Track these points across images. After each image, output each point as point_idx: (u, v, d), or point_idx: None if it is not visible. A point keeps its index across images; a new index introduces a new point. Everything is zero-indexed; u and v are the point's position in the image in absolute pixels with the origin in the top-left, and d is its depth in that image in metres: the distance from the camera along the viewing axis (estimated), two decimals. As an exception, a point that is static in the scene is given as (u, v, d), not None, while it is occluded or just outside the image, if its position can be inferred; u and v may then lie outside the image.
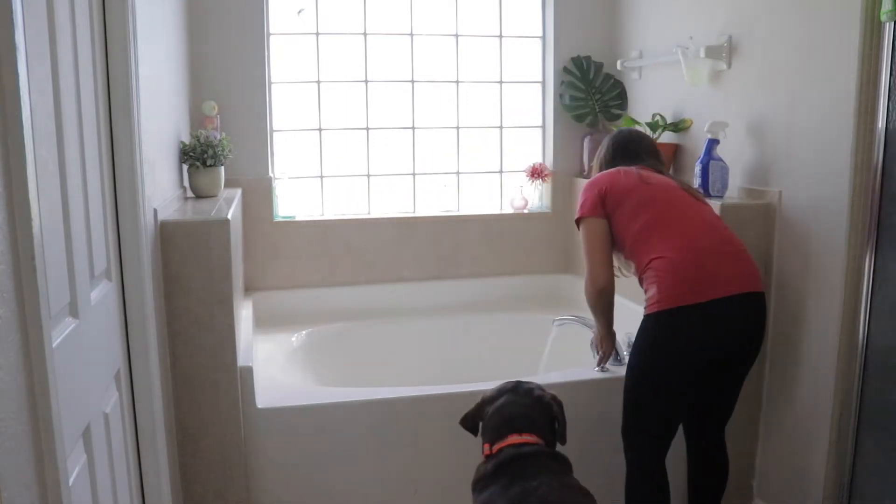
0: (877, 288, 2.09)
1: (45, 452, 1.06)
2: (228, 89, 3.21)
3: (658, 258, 2.05)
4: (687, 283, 2.00)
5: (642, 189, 2.16)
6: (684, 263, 2.02)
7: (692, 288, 1.99)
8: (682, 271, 2.02)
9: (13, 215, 0.98)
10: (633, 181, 2.18)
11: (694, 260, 2.03)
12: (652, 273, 2.05)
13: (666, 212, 2.13)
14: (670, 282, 2.00)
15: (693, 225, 2.11)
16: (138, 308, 1.75)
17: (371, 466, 2.35)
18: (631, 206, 2.14)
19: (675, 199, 2.17)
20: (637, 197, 2.15)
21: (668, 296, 2.00)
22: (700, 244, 2.07)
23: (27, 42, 1.04)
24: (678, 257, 2.03)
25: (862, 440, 2.16)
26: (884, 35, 2.00)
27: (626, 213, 2.14)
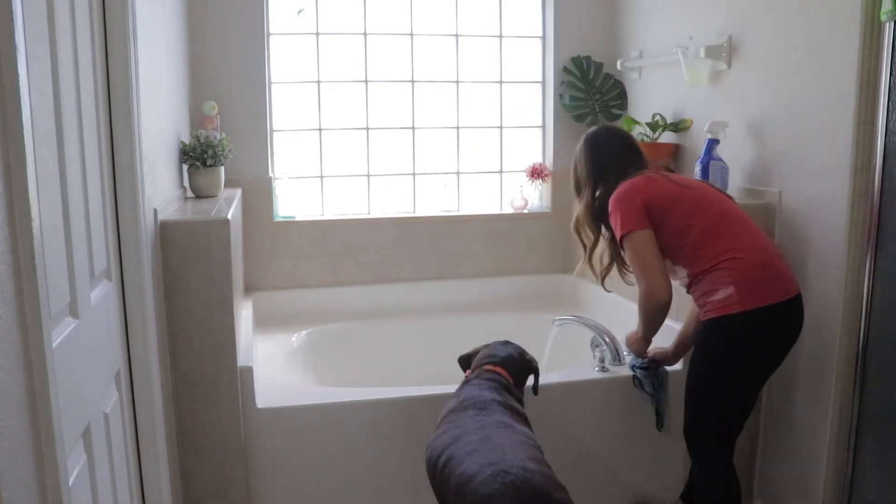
0: (877, 288, 2.09)
1: (45, 452, 1.06)
2: (228, 89, 3.21)
3: (729, 259, 2.01)
4: (766, 282, 1.99)
5: (687, 194, 2.12)
6: (760, 263, 2.02)
7: (771, 287, 1.99)
8: (758, 270, 2.00)
9: (13, 215, 0.98)
10: (672, 187, 2.13)
11: (766, 259, 2.03)
12: (724, 274, 2.00)
13: (721, 213, 2.10)
14: (750, 281, 1.98)
15: (748, 225, 2.10)
16: (138, 308, 1.75)
17: (371, 466, 2.35)
18: (683, 212, 2.09)
19: (720, 201, 2.15)
20: (686, 202, 2.10)
21: (750, 295, 1.97)
22: (762, 243, 2.07)
23: (27, 42, 1.04)
24: (752, 257, 2.01)
25: (862, 440, 2.16)
26: (884, 35, 2.00)
27: (679, 219, 2.08)
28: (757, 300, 1.96)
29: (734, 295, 1.97)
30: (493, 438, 1.75)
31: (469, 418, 1.87)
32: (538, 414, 2.41)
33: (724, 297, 1.99)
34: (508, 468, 1.60)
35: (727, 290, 1.98)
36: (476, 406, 1.91)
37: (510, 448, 1.70)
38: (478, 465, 1.64)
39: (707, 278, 2.04)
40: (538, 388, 2.22)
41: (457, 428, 1.83)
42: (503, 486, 1.56)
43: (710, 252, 2.04)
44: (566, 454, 2.28)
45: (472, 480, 1.61)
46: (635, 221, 2.08)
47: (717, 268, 2.02)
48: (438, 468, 1.75)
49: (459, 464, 1.69)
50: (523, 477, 1.59)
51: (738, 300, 1.96)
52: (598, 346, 2.62)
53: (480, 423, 1.84)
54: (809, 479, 2.31)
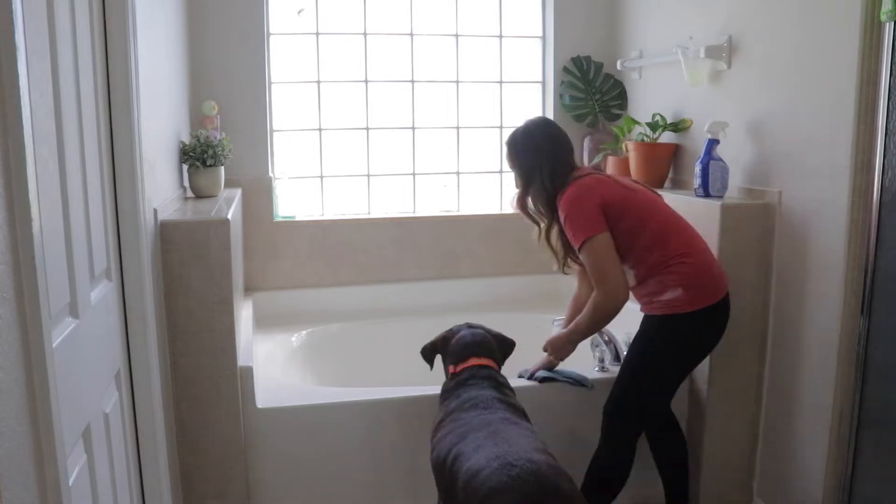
0: (877, 288, 2.08)
1: (45, 452, 1.06)
2: (228, 89, 3.21)
3: (678, 263, 2.10)
4: (709, 283, 2.13)
5: (633, 196, 2.18)
6: (705, 265, 2.15)
7: (712, 288, 2.13)
8: (705, 273, 2.13)
9: (13, 215, 0.98)
10: (620, 188, 2.18)
11: (709, 261, 2.18)
12: (673, 277, 2.09)
13: (669, 216, 2.21)
14: (698, 285, 2.10)
15: (688, 226, 2.22)
16: (138, 308, 1.75)
17: (371, 466, 2.35)
18: (634, 215, 2.14)
19: (662, 203, 2.28)
20: (636, 204, 2.16)
21: (697, 298, 2.09)
22: (702, 244, 2.22)
23: (27, 42, 1.04)
24: (699, 261, 2.13)
25: (862, 440, 2.16)
26: (884, 35, 2.00)
27: (631, 222, 2.12)
28: (702, 301, 2.09)
29: (682, 297, 2.08)
30: (500, 433, 1.77)
31: (474, 416, 1.89)
32: (538, 414, 2.41)
33: (672, 297, 2.08)
34: (514, 460, 1.62)
35: (675, 292, 2.07)
36: (479, 406, 1.94)
37: (516, 441, 1.72)
38: (485, 459, 1.66)
39: (655, 279, 2.11)
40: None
41: (462, 426, 1.86)
42: (510, 478, 1.58)
43: (660, 254, 2.11)
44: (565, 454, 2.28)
45: (480, 474, 1.63)
46: (593, 226, 2.07)
47: (665, 270, 2.10)
48: (447, 466, 1.76)
49: (467, 459, 1.70)
50: (529, 468, 1.60)
51: (687, 302, 2.08)
52: (597, 346, 2.62)
53: (485, 419, 1.85)
54: (809, 479, 2.31)
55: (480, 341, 2.19)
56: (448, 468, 1.76)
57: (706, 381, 2.51)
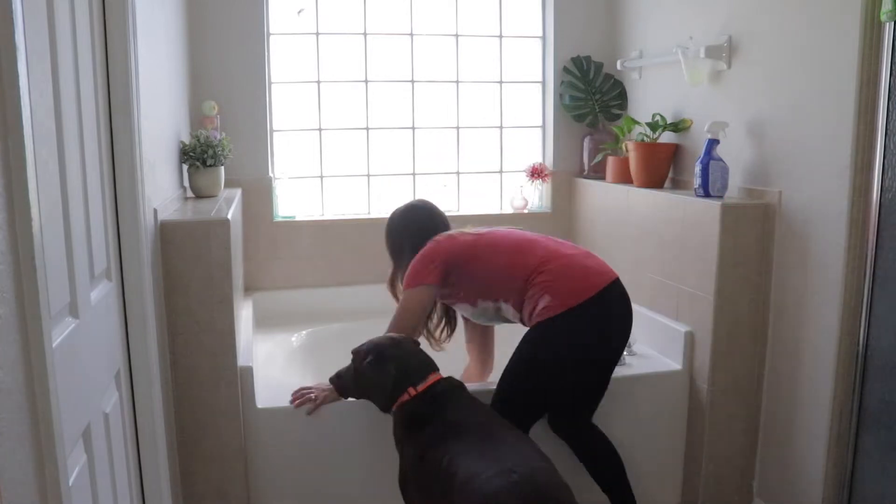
0: (877, 288, 2.09)
1: (45, 452, 1.06)
2: (228, 89, 3.21)
3: (537, 275, 2.18)
4: (576, 281, 2.17)
5: (481, 239, 2.30)
6: (566, 267, 2.19)
7: (581, 283, 2.16)
8: (567, 274, 2.18)
9: (13, 215, 0.98)
10: (469, 237, 2.31)
11: (568, 262, 2.21)
12: (538, 289, 2.17)
13: (516, 243, 2.28)
14: (561, 286, 2.15)
15: (545, 242, 2.29)
16: (138, 308, 1.75)
17: (371, 466, 2.35)
18: (484, 254, 2.26)
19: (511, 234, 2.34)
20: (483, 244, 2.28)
21: (566, 298, 2.14)
22: (562, 251, 2.26)
23: (27, 42, 1.04)
24: (558, 264, 2.19)
25: (862, 440, 2.16)
26: (884, 35, 2.00)
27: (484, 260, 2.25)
28: (571, 299, 2.13)
29: (552, 301, 2.14)
30: (497, 439, 1.76)
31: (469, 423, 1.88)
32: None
33: (544, 305, 2.15)
34: (514, 466, 1.61)
35: (545, 300, 2.15)
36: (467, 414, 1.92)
37: (514, 447, 1.71)
38: (483, 464, 1.65)
39: (527, 298, 2.20)
40: None
41: (456, 433, 1.84)
42: (509, 483, 1.57)
43: (521, 275, 2.20)
44: (565, 454, 2.28)
45: (478, 478, 1.62)
46: (424, 278, 2.24)
47: (531, 286, 2.19)
48: (443, 468, 1.75)
49: (465, 464, 1.70)
50: (529, 475, 1.59)
51: (558, 303, 2.13)
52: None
53: (479, 427, 1.85)
54: (809, 479, 2.31)
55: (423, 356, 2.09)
56: (444, 470, 1.75)
57: (706, 381, 2.51)
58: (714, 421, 2.53)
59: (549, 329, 2.15)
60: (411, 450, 1.95)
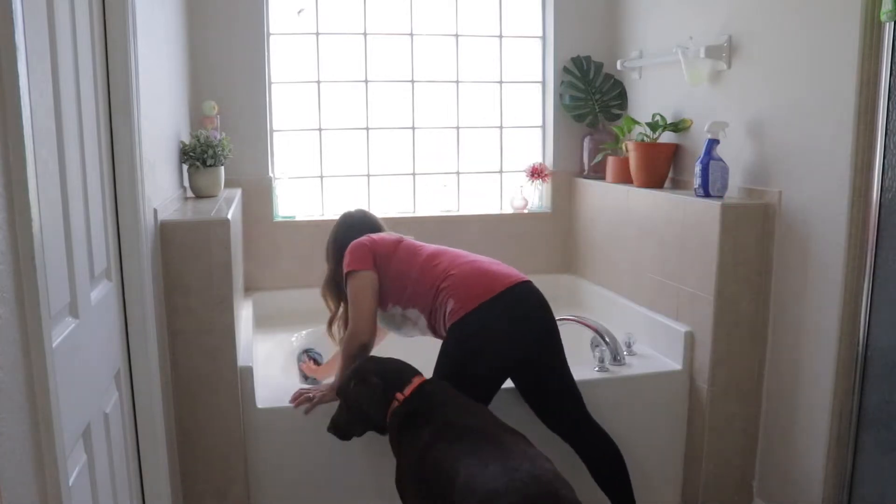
0: (877, 288, 2.09)
1: (45, 452, 1.06)
2: (228, 89, 3.21)
3: (443, 280, 2.25)
4: (477, 285, 2.20)
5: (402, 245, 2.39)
6: (467, 273, 2.24)
7: (483, 287, 2.19)
8: (468, 279, 2.22)
9: (13, 215, 0.98)
10: (392, 238, 2.41)
11: (471, 269, 2.26)
12: (444, 294, 2.23)
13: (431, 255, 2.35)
14: (464, 289, 2.20)
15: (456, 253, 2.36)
16: (138, 308, 1.75)
17: (370, 466, 2.35)
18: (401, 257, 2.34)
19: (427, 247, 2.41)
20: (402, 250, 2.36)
21: (468, 299, 2.17)
22: (469, 260, 2.31)
23: (27, 42, 1.04)
24: (459, 272, 2.25)
25: (862, 440, 2.16)
26: (884, 35, 2.00)
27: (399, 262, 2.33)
28: (474, 301, 2.17)
29: (455, 304, 2.19)
30: (498, 438, 1.76)
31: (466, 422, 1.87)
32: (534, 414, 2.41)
33: (451, 309, 2.20)
34: (515, 465, 1.61)
35: (450, 303, 2.20)
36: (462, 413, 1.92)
37: (515, 446, 1.71)
38: (484, 463, 1.65)
39: (435, 306, 2.25)
40: None
41: (454, 432, 1.84)
42: (511, 481, 1.57)
43: (429, 283, 2.27)
44: (565, 454, 2.28)
45: (480, 476, 1.62)
46: (361, 262, 2.32)
47: (438, 292, 2.24)
48: (444, 470, 1.75)
49: (466, 462, 1.69)
50: (533, 473, 1.59)
51: (460, 306, 2.17)
52: (597, 346, 2.63)
53: (477, 426, 1.84)
54: (809, 479, 2.31)
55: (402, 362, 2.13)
56: (445, 472, 1.75)
57: (706, 381, 2.51)
58: (714, 421, 2.53)
59: (456, 331, 2.19)
60: (408, 453, 1.95)
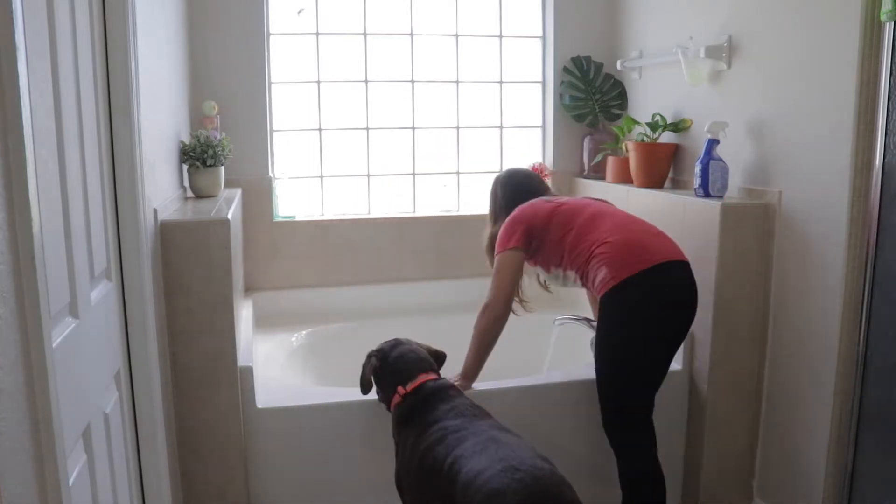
0: (877, 288, 2.09)
1: (45, 452, 1.06)
2: (228, 89, 3.21)
3: (597, 246, 2.25)
4: (632, 255, 2.19)
5: (560, 209, 2.39)
6: (625, 242, 2.23)
7: (637, 258, 2.18)
8: (624, 248, 2.21)
9: (13, 215, 0.98)
10: (549, 207, 2.41)
11: (628, 238, 2.25)
12: (597, 260, 2.23)
13: (590, 216, 2.35)
14: (617, 258, 2.19)
15: (617, 217, 2.35)
16: (138, 308, 1.75)
17: (370, 466, 2.35)
18: (558, 226, 2.36)
19: (589, 206, 2.42)
20: (560, 217, 2.37)
21: (621, 270, 2.17)
22: (631, 227, 2.30)
23: (27, 42, 1.04)
24: (616, 240, 2.24)
25: (862, 440, 2.16)
26: (884, 35, 2.00)
27: (556, 232, 2.35)
28: (626, 271, 2.16)
29: (608, 273, 2.19)
30: (499, 439, 1.76)
31: (465, 423, 1.87)
32: (537, 414, 2.41)
33: (602, 277, 2.21)
34: (519, 465, 1.61)
35: (602, 271, 2.21)
36: (464, 414, 1.92)
37: (517, 447, 1.72)
38: (487, 462, 1.65)
39: (589, 268, 2.27)
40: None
41: (455, 432, 1.84)
42: (513, 481, 1.57)
43: (583, 247, 2.29)
44: (565, 454, 2.28)
45: (482, 475, 1.62)
46: (511, 241, 2.37)
47: (591, 257, 2.26)
48: (445, 469, 1.75)
49: (467, 462, 1.70)
50: (534, 473, 1.59)
51: (611, 276, 2.18)
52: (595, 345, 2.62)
53: (477, 427, 1.84)
54: (809, 479, 2.31)
55: (421, 357, 2.13)
56: (446, 471, 1.75)
57: (706, 381, 2.51)
58: (714, 421, 2.53)
59: (606, 305, 2.21)
60: (403, 451, 1.97)
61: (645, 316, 2.18)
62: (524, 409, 2.35)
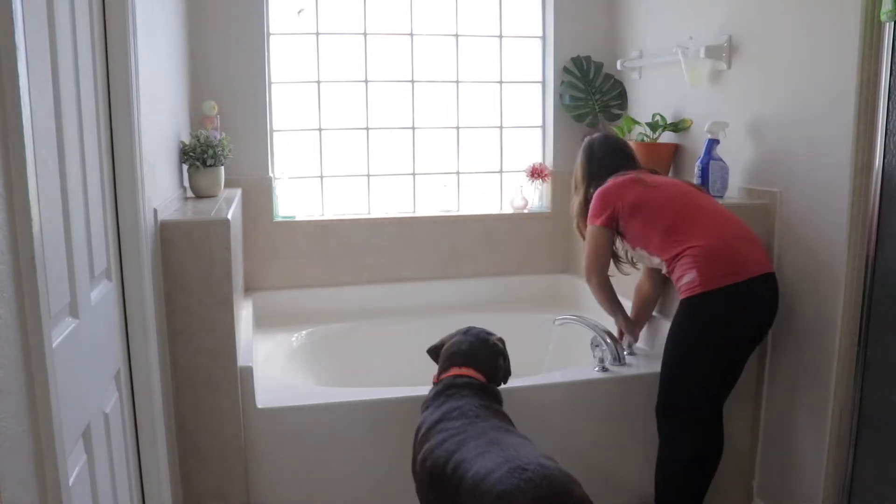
0: (876, 288, 2.09)
1: (45, 452, 1.06)
2: (228, 89, 3.21)
3: (690, 248, 2.22)
4: (724, 265, 2.18)
5: (653, 194, 2.36)
6: (719, 249, 2.20)
7: (730, 269, 2.17)
8: (717, 255, 2.19)
9: (13, 215, 0.98)
10: (641, 190, 2.38)
11: (724, 244, 2.22)
12: (688, 261, 2.21)
13: (684, 207, 2.32)
14: (709, 266, 2.18)
15: (714, 216, 2.30)
16: (138, 308, 1.75)
17: (371, 466, 2.35)
18: (648, 212, 2.34)
19: (684, 195, 2.36)
20: (652, 203, 2.35)
21: (710, 278, 2.16)
22: (727, 230, 2.26)
23: (27, 42, 1.04)
24: (711, 244, 2.21)
25: (862, 440, 2.16)
26: (884, 35, 2.00)
27: (645, 218, 2.34)
28: (716, 282, 2.16)
29: (696, 279, 2.18)
30: (501, 440, 1.75)
31: (466, 425, 1.86)
32: (538, 414, 2.41)
33: (689, 280, 2.20)
34: (525, 465, 1.61)
35: (691, 274, 2.20)
36: (467, 415, 1.91)
37: (520, 447, 1.71)
38: (493, 463, 1.64)
39: (677, 264, 2.26)
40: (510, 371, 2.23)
41: (457, 435, 1.83)
42: (521, 481, 1.57)
43: (675, 242, 2.27)
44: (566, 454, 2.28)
45: (489, 477, 1.61)
46: (600, 218, 2.42)
47: (682, 255, 2.24)
48: (448, 473, 1.74)
49: (472, 465, 1.68)
50: (542, 472, 1.59)
51: (699, 283, 2.17)
52: (598, 346, 2.62)
53: (480, 428, 1.84)
54: (809, 479, 2.31)
55: (466, 350, 2.14)
56: (449, 475, 1.73)
57: (706, 381, 2.51)
58: (714, 421, 2.53)
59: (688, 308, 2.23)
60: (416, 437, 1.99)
61: (724, 330, 2.21)
62: (524, 409, 2.35)
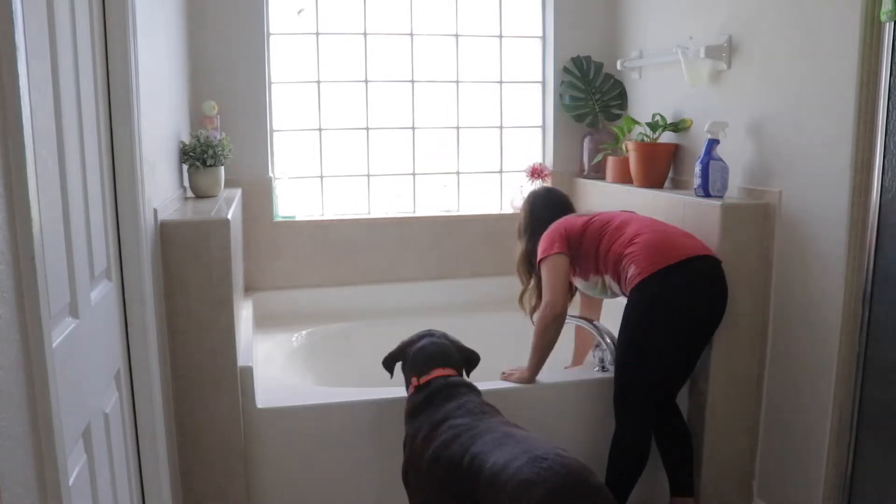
0: (877, 288, 2.08)
1: (45, 452, 1.05)
2: (228, 89, 3.21)
3: (628, 246, 2.37)
4: (663, 251, 2.30)
5: (592, 221, 2.54)
6: (656, 241, 2.34)
7: (668, 254, 2.29)
8: (654, 246, 2.33)
9: (13, 215, 0.98)
10: (581, 220, 2.56)
11: (657, 237, 2.37)
12: (629, 259, 2.35)
13: (621, 223, 2.48)
14: (648, 255, 2.30)
15: (643, 221, 2.48)
16: (138, 308, 1.75)
17: (371, 466, 2.35)
18: (592, 234, 2.49)
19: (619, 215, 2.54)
20: (593, 226, 2.51)
21: (649, 265, 2.28)
22: (662, 227, 2.44)
23: (27, 42, 1.04)
24: (649, 239, 2.35)
25: (862, 440, 2.16)
26: (884, 35, 2.00)
27: (591, 240, 2.49)
28: (655, 266, 2.28)
29: (636, 269, 2.31)
30: (515, 433, 1.77)
31: (475, 421, 1.87)
32: (538, 414, 2.41)
33: (632, 273, 2.32)
34: (544, 454, 1.63)
35: (632, 268, 2.33)
36: (473, 412, 1.92)
37: (534, 439, 1.73)
38: (511, 454, 1.66)
39: (622, 268, 2.39)
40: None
41: (470, 430, 1.84)
42: (541, 469, 1.58)
43: (616, 250, 2.41)
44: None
45: (508, 467, 1.63)
46: (553, 248, 2.49)
47: (623, 257, 2.38)
48: (464, 466, 1.76)
49: (489, 457, 1.71)
50: (560, 462, 1.60)
51: (639, 272, 2.29)
52: (598, 346, 2.62)
53: (490, 423, 1.85)
54: (809, 479, 2.31)
55: (443, 351, 2.15)
56: (466, 468, 1.74)
57: (706, 380, 2.51)
58: (714, 421, 2.53)
59: (632, 297, 2.32)
60: (413, 443, 1.98)
61: (668, 310, 2.28)
62: (524, 409, 2.35)
